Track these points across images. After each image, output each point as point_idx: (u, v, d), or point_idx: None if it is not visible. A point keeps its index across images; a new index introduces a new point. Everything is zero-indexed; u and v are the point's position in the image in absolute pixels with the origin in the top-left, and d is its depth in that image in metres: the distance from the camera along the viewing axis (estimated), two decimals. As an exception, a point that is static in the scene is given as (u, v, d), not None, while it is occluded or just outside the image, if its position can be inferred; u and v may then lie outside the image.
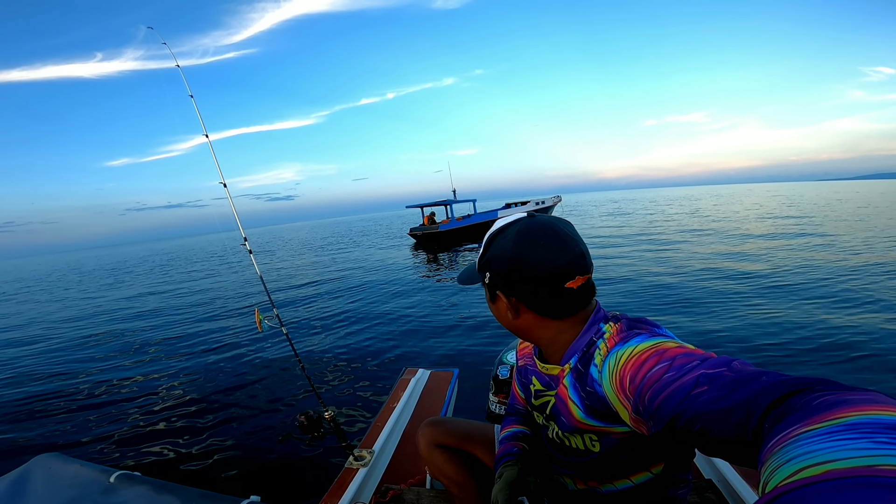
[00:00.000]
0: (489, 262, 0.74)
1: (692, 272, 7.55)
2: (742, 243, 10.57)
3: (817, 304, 5.12)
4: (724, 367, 0.46)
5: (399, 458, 1.83)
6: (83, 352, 6.37)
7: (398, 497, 1.42)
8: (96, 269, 29.27)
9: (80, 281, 20.57)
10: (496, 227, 0.76)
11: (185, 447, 3.05)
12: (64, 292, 16.02)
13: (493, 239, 0.74)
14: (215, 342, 5.90)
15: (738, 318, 4.83)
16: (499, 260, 0.72)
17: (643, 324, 0.68)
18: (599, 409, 0.65)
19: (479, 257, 0.77)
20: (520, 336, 0.80)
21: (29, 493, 1.01)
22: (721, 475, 1.47)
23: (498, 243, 0.73)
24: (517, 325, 0.76)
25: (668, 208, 29.95)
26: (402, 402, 2.19)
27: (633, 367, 0.56)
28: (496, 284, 0.74)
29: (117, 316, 9.16)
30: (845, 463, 0.23)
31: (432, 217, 18.45)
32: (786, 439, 0.28)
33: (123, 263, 31.23)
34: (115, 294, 13.26)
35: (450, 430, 1.15)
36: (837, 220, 15.34)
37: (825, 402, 0.30)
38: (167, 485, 1.01)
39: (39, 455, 1.14)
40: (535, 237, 0.69)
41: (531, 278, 0.69)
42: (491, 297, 0.77)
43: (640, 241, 12.44)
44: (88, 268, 31.73)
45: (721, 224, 15.93)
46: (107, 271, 24.96)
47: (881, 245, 9.14)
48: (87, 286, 17.23)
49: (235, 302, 9.07)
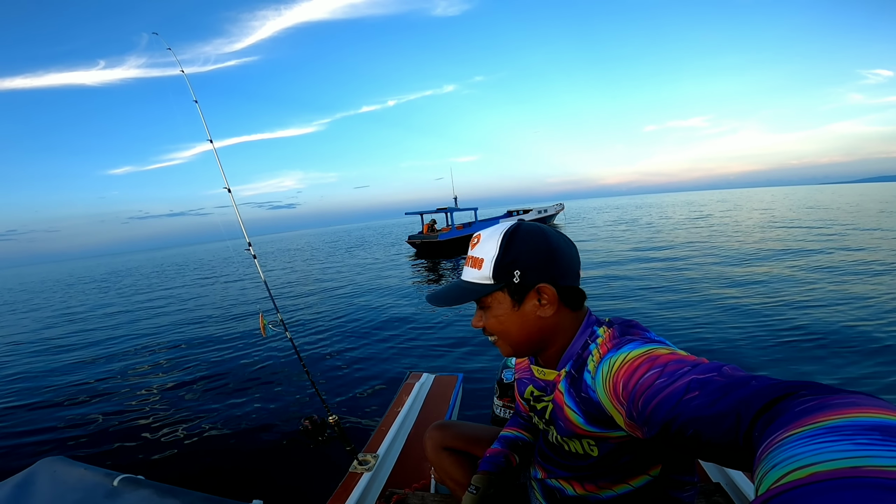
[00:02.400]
0: (514, 262, 0.71)
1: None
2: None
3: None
4: (714, 373, 0.47)
5: (404, 463, 1.82)
6: (88, 356, 6.40)
7: (403, 501, 1.40)
8: (99, 276, 29.44)
9: (85, 289, 20.67)
10: (502, 230, 0.75)
11: (189, 451, 3.05)
12: (75, 296, 16.13)
13: (509, 240, 0.72)
14: (220, 347, 5.91)
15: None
16: (531, 254, 0.72)
17: (634, 328, 0.70)
18: (595, 415, 0.66)
19: (498, 260, 0.72)
20: (540, 339, 0.76)
21: (33, 497, 1.00)
22: (729, 479, 1.45)
23: (520, 241, 0.72)
24: (547, 325, 0.74)
25: (697, 213, 27.53)
26: (406, 406, 2.18)
27: (626, 374, 0.57)
28: (532, 279, 0.71)
29: (123, 321, 9.20)
30: (828, 465, 0.23)
31: (432, 225, 17.72)
32: (772, 444, 0.29)
33: (132, 271, 31.39)
34: (120, 300, 13.33)
35: (457, 433, 1.16)
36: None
37: (809, 407, 0.30)
38: (171, 488, 1.01)
39: (44, 458, 1.13)
40: (555, 233, 0.76)
41: (568, 267, 0.73)
42: (518, 301, 0.72)
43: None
44: (97, 275, 31.90)
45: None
46: (112, 278, 25.11)
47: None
48: (91, 294, 17.33)
49: (239, 307, 9.10)
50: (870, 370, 3.39)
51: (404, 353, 4.80)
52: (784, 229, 14.28)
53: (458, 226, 17.60)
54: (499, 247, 0.73)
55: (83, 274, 37.07)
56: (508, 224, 0.76)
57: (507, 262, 0.72)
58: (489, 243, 0.74)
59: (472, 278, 0.76)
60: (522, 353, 0.78)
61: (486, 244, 0.75)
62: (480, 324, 0.79)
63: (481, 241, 0.76)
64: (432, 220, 18.28)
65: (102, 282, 23.46)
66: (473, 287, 0.75)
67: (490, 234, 0.75)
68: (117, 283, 21.29)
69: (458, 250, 16.12)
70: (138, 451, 3.11)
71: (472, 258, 0.77)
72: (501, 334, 0.76)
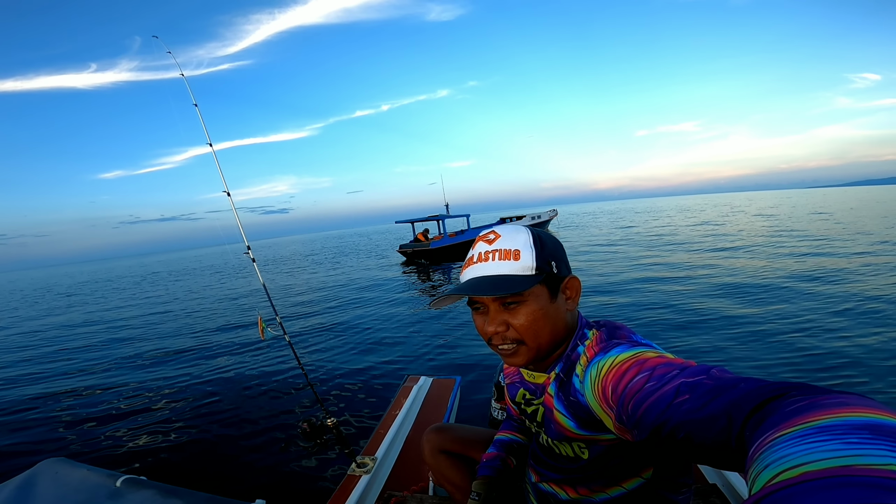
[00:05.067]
0: (552, 253, 0.72)
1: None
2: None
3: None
4: (703, 375, 0.47)
5: (402, 465, 1.83)
6: (90, 358, 6.36)
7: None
8: (92, 281, 29.20)
9: (85, 292, 20.51)
10: (521, 225, 0.77)
11: (191, 452, 3.04)
12: (75, 300, 15.99)
13: (538, 238, 0.72)
14: (219, 350, 5.89)
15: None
16: (556, 247, 0.74)
17: (621, 331, 0.71)
18: (585, 419, 0.67)
19: (538, 249, 0.70)
20: (560, 339, 0.73)
21: (36, 498, 1.01)
22: (726, 480, 1.46)
23: (545, 239, 0.74)
24: (566, 322, 0.74)
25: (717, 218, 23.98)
26: (404, 409, 2.19)
27: (615, 378, 0.58)
28: (564, 272, 0.74)
29: (123, 324, 9.15)
30: (819, 465, 0.23)
31: (426, 233, 16.89)
32: (763, 445, 0.29)
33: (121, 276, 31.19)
34: (116, 303, 13.24)
35: (455, 436, 1.16)
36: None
37: (800, 407, 0.31)
38: (173, 489, 1.02)
39: (46, 459, 1.14)
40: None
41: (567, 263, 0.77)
42: (553, 293, 0.71)
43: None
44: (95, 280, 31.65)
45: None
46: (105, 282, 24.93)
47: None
48: (88, 297, 17.20)
49: (237, 311, 9.06)
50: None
51: (402, 356, 4.79)
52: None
53: (450, 234, 16.93)
54: (532, 238, 0.72)
55: (85, 278, 36.78)
56: (518, 224, 0.80)
57: (547, 253, 0.71)
58: (519, 235, 0.72)
59: (510, 271, 0.69)
60: (543, 355, 0.73)
61: (514, 236, 0.72)
62: (501, 328, 0.71)
63: (505, 234, 0.73)
64: (425, 228, 17.56)
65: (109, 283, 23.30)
66: (516, 279, 0.68)
67: (513, 228, 0.75)
68: (112, 286, 21.16)
69: (450, 258, 15.74)
70: (140, 452, 3.10)
71: (502, 251, 0.70)
72: (532, 333, 0.70)
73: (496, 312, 0.71)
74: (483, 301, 0.72)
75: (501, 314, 0.71)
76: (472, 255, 0.74)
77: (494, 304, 0.71)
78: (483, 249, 0.73)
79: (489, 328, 0.72)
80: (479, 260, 0.72)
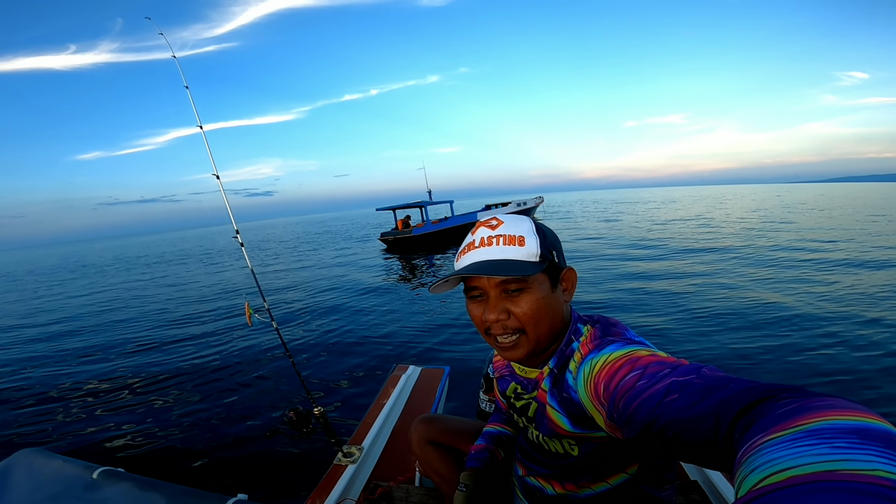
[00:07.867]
0: (553, 244, 0.72)
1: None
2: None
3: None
4: (693, 375, 0.47)
5: (388, 455, 1.82)
6: (68, 345, 6.23)
7: (387, 494, 1.41)
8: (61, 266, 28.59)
9: (61, 274, 20.08)
10: (528, 219, 0.74)
11: (170, 443, 3.00)
12: (47, 285, 15.65)
13: (539, 227, 0.73)
14: (204, 336, 5.82)
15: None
16: (556, 240, 0.75)
17: (616, 328, 0.70)
18: (578, 416, 0.67)
19: (541, 237, 0.70)
20: (557, 331, 0.73)
21: (10, 489, 0.98)
22: (706, 477, 1.49)
23: (545, 229, 0.74)
24: (563, 314, 0.74)
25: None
26: (392, 398, 2.18)
27: (607, 375, 0.58)
28: (563, 262, 0.74)
29: (102, 310, 8.97)
30: (806, 469, 0.23)
31: (407, 220, 16.65)
32: (751, 449, 0.29)
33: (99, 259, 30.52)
34: (98, 288, 12.99)
35: (442, 427, 1.16)
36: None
37: (788, 411, 0.31)
38: (151, 481, 0.99)
39: (21, 450, 1.10)
40: None
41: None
42: (553, 283, 0.71)
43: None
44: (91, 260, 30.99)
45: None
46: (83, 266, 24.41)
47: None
48: (63, 280, 16.83)
49: (224, 296, 8.95)
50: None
51: (390, 345, 4.79)
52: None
53: (433, 220, 16.76)
54: (534, 226, 0.72)
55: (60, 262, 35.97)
56: (515, 213, 0.79)
57: (548, 242, 0.71)
58: (523, 222, 0.72)
59: (515, 256, 0.67)
60: (541, 348, 0.72)
61: (518, 223, 0.71)
62: (502, 315, 0.70)
63: (508, 221, 0.72)
64: (407, 216, 17.39)
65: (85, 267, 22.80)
66: (522, 264, 0.67)
67: (515, 216, 0.74)
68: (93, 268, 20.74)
69: (433, 246, 15.54)
70: (119, 444, 3.06)
71: (506, 236, 0.69)
72: (534, 322, 0.68)
73: (497, 299, 0.70)
74: (483, 288, 0.71)
75: (503, 301, 0.69)
76: (473, 239, 0.73)
77: (496, 290, 0.69)
78: (486, 234, 0.71)
79: (490, 316, 0.70)
80: (482, 244, 0.70)
